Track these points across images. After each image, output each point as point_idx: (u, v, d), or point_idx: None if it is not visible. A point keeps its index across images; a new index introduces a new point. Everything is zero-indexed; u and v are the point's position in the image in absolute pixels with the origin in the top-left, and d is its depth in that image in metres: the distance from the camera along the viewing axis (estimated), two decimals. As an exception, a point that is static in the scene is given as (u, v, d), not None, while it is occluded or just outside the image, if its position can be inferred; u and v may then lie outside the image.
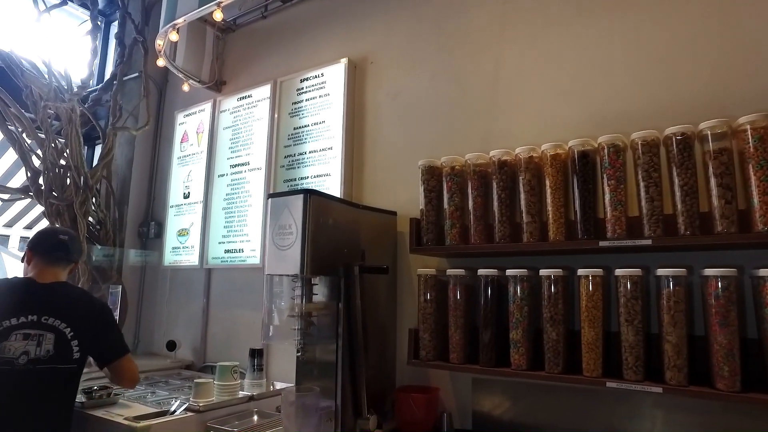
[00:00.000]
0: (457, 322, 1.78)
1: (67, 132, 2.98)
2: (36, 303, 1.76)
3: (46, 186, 2.94)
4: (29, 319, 1.72)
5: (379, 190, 2.40)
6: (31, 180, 3.02)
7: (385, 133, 2.44)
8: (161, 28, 2.56)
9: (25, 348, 1.69)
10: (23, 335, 1.70)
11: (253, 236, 2.71)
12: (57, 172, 2.99)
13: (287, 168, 2.65)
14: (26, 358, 1.68)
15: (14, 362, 1.67)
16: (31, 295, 1.79)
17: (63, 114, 2.95)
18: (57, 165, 2.95)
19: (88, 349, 1.81)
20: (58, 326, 1.74)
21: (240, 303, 2.79)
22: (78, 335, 1.77)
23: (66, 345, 1.75)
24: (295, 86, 2.72)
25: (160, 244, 3.24)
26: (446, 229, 1.86)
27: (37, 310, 1.74)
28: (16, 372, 1.67)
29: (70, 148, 2.94)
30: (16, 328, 1.70)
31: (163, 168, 3.41)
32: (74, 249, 1.95)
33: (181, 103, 3.38)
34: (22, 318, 1.71)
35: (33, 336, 1.70)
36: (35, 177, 3.03)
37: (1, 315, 1.70)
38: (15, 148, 2.99)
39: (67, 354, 1.75)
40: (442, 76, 2.31)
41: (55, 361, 1.73)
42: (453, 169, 1.88)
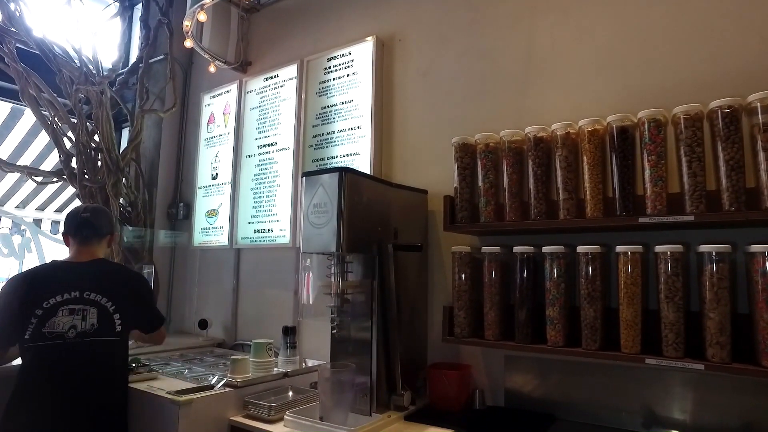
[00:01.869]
0: (492, 299, 1.78)
1: (97, 115, 3.02)
2: (77, 280, 1.85)
3: (79, 169, 3.00)
4: (72, 296, 1.82)
5: (409, 168, 2.39)
6: (64, 163, 3.08)
7: (414, 111, 2.42)
8: (188, 9, 2.56)
9: (72, 322, 1.80)
10: (69, 310, 1.80)
11: (282, 216, 2.73)
12: (89, 154, 3.04)
13: (316, 147, 2.65)
14: (74, 331, 1.80)
15: (65, 336, 1.79)
16: (72, 274, 1.89)
17: (93, 97, 2.99)
18: (89, 148, 3.00)
19: (129, 321, 1.92)
20: (100, 301, 1.84)
21: (270, 282, 2.83)
22: (119, 308, 1.87)
23: (108, 318, 1.86)
24: (322, 65, 2.71)
25: (189, 225, 3.29)
26: (481, 206, 1.85)
27: (79, 286, 1.83)
28: (68, 344, 1.79)
29: (101, 130, 2.99)
30: (62, 304, 1.80)
31: (190, 149, 3.45)
32: (101, 223, 2.01)
33: (207, 85, 3.39)
34: (66, 295, 1.81)
35: (78, 311, 1.81)
36: (68, 160, 3.08)
37: (47, 294, 1.80)
38: (48, 132, 3.04)
39: (111, 326, 1.86)
40: (472, 51, 2.27)
41: (100, 334, 1.84)
42: (487, 146, 1.86)
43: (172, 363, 2.40)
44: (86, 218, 1.95)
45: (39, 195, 4.95)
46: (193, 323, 3.15)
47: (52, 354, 1.78)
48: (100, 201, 3.03)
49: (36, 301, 1.78)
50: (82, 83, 2.92)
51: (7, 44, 2.76)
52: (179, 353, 2.65)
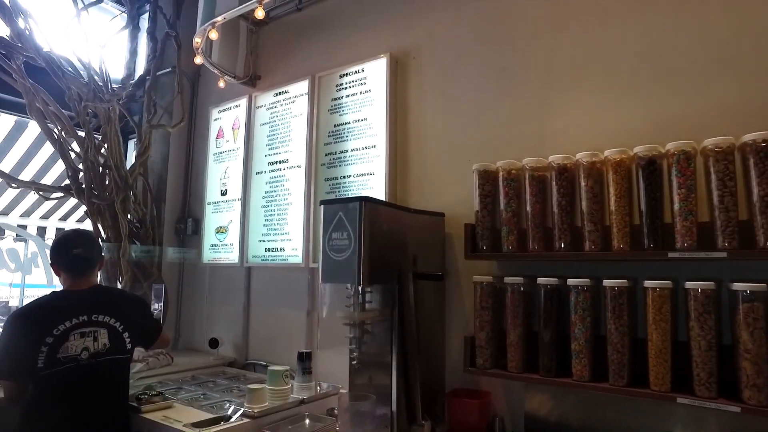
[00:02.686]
0: (515, 330, 1.75)
1: (106, 131, 2.98)
2: (83, 306, 1.90)
3: (87, 184, 2.96)
4: (81, 319, 1.87)
5: (425, 189, 2.36)
6: (72, 178, 3.04)
7: (430, 130, 2.39)
8: (199, 26, 2.52)
9: (84, 344, 1.86)
10: (80, 334, 1.86)
11: (295, 235, 2.70)
12: (97, 170, 3.00)
13: (328, 166, 2.62)
14: (87, 353, 1.87)
15: (78, 359, 1.84)
16: (76, 301, 1.92)
17: (102, 113, 2.95)
18: (97, 163, 2.97)
19: (136, 337, 2.02)
20: (108, 321, 1.92)
21: (282, 301, 2.80)
22: (127, 327, 1.97)
23: (119, 337, 1.95)
24: (335, 82, 2.67)
25: (197, 241, 3.25)
26: (503, 235, 1.82)
27: (86, 310, 1.89)
28: (81, 367, 1.84)
29: (109, 147, 2.95)
30: (72, 329, 1.84)
31: (199, 164, 3.41)
32: (93, 255, 2.04)
33: (215, 98, 3.35)
34: (74, 319, 1.85)
35: (88, 333, 1.87)
36: (75, 175, 3.05)
37: (55, 322, 1.82)
38: (56, 147, 3.00)
39: (122, 345, 1.95)
40: (489, 71, 2.24)
41: (113, 353, 1.92)
42: (510, 173, 1.83)
43: (185, 387, 2.37)
44: (79, 255, 1.97)
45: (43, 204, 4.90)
46: (202, 341, 3.12)
47: (67, 378, 1.81)
48: (108, 217, 3.00)
49: (44, 330, 1.80)
50: (91, 99, 2.88)
51: (15, 60, 2.72)
52: (191, 374, 2.62)
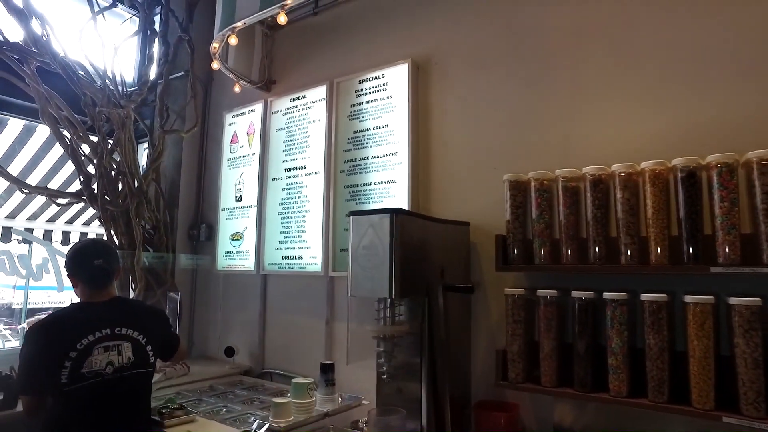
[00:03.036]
0: (549, 344, 1.72)
1: (119, 137, 2.94)
2: (105, 319, 1.85)
3: (100, 191, 2.92)
4: (104, 333, 1.81)
5: (448, 198, 2.33)
6: (84, 184, 3.00)
7: (453, 138, 2.35)
8: (218, 31, 2.48)
9: (108, 359, 1.81)
10: (104, 348, 1.80)
11: (313, 243, 2.66)
12: (110, 176, 2.96)
13: (348, 173, 2.58)
14: (112, 367, 1.81)
15: (103, 373, 1.78)
16: (98, 314, 1.86)
17: (116, 119, 2.91)
18: (111, 169, 2.93)
19: (158, 350, 1.97)
20: (132, 335, 1.87)
21: (299, 310, 2.76)
22: (150, 340, 1.91)
23: (142, 350, 1.89)
24: (354, 87, 2.63)
25: (211, 248, 3.21)
26: (535, 247, 1.78)
27: (108, 324, 1.83)
28: (106, 381, 1.79)
29: (123, 153, 2.91)
30: (96, 342, 1.78)
31: (212, 170, 3.37)
32: (113, 267, 1.97)
33: (228, 103, 3.31)
34: (98, 333, 1.80)
35: (112, 347, 1.82)
36: (88, 181, 3.00)
37: (77, 336, 1.77)
38: (68, 152, 2.96)
39: (146, 358, 1.90)
40: (514, 78, 2.20)
41: (138, 366, 1.87)
42: (542, 184, 1.80)
43: (204, 399, 2.34)
44: (99, 266, 1.90)
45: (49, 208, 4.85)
46: (217, 349, 3.08)
47: (92, 393, 1.76)
48: (122, 224, 2.96)
49: (67, 344, 1.74)
50: (105, 104, 2.84)
51: (29, 65, 2.67)
52: (209, 384, 2.58)
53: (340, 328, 2.58)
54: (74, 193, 3.14)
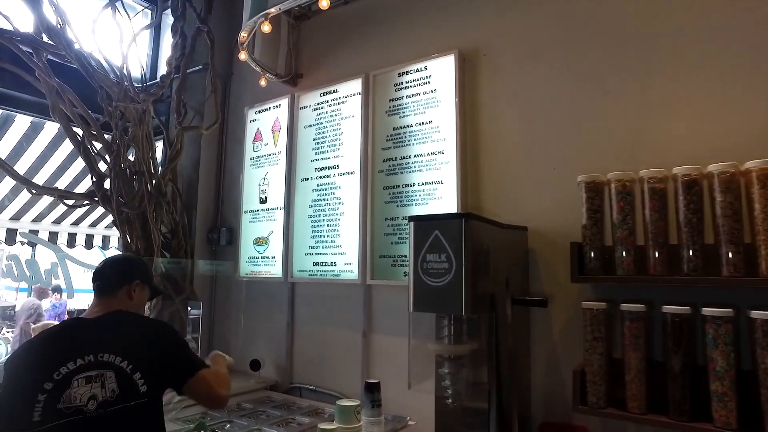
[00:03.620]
0: (637, 365, 1.53)
1: (135, 134, 2.74)
2: (89, 342, 1.54)
3: (116, 191, 2.72)
4: (86, 360, 1.49)
5: (501, 200, 2.14)
6: (97, 185, 2.80)
7: (505, 135, 2.16)
8: (247, 19, 2.28)
9: (91, 392, 1.48)
10: (85, 379, 1.48)
11: (348, 248, 2.46)
12: (125, 176, 2.76)
13: (387, 173, 2.39)
14: (95, 403, 1.47)
15: (84, 410, 1.45)
16: (83, 335, 1.58)
17: (132, 114, 2.70)
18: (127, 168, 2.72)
19: (156, 378, 1.57)
20: (114, 361, 1.52)
21: (332, 320, 2.56)
22: (138, 367, 1.53)
23: (128, 380, 1.52)
24: (392, 81, 2.44)
25: (233, 253, 3.02)
26: (618, 255, 1.59)
27: (92, 348, 1.52)
28: (89, 419, 1.45)
29: (140, 151, 2.71)
30: (76, 372, 1.47)
31: (233, 169, 3.17)
32: (111, 275, 1.73)
33: (251, 98, 3.11)
34: (79, 360, 1.49)
35: (95, 377, 1.49)
36: (100, 181, 2.80)
37: (57, 362, 1.47)
38: (80, 151, 2.75)
39: (133, 389, 1.52)
40: (574, 71, 2.02)
41: (124, 400, 1.50)
42: (624, 186, 1.60)
43: (235, 420, 2.14)
44: (100, 269, 1.74)
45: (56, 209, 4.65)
46: (239, 360, 2.87)
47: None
48: (138, 227, 2.76)
49: (43, 374, 1.45)
50: (122, 99, 2.63)
51: (40, 56, 2.47)
52: (235, 402, 2.38)
53: (378, 341, 2.39)
54: (86, 194, 2.94)
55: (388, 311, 2.37)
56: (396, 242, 2.31)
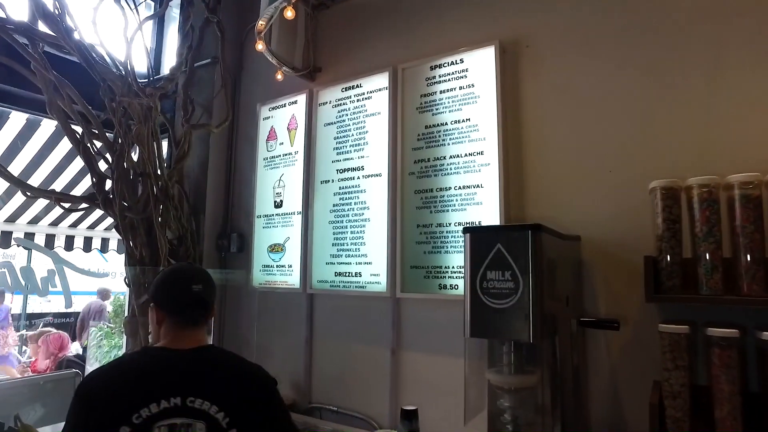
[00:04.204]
0: (732, 399, 1.33)
1: (140, 132, 2.52)
2: (177, 380, 1.29)
3: (119, 194, 2.49)
4: (172, 404, 1.25)
5: (547, 206, 1.93)
6: (98, 187, 2.58)
7: (552, 134, 1.96)
8: (267, 4, 2.06)
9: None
10: (168, 427, 1.23)
11: (375, 257, 2.26)
12: (129, 177, 2.54)
13: (419, 176, 2.18)
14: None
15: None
16: (170, 371, 1.33)
17: (136, 111, 2.48)
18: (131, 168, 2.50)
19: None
20: (209, 410, 1.27)
21: (356, 336, 2.35)
22: (236, 422, 1.28)
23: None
24: (423, 75, 2.23)
25: (245, 261, 2.80)
26: (703, 272, 1.39)
27: (180, 389, 1.27)
28: None
29: (146, 151, 2.49)
30: (159, 417, 1.23)
31: (244, 170, 2.96)
32: (210, 299, 1.48)
33: (262, 94, 2.90)
34: (163, 403, 1.24)
35: (180, 427, 1.24)
36: (101, 184, 2.58)
37: (135, 402, 1.23)
38: (79, 150, 2.53)
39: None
40: (632, 65, 1.82)
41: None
42: (710, 193, 1.40)
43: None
44: (199, 293, 1.42)
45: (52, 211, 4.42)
46: (252, 377, 2.67)
47: None
48: (143, 233, 2.54)
49: (121, 414, 1.22)
50: (126, 94, 2.41)
51: (36, 47, 2.25)
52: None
53: (409, 359, 2.18)
54: (85, 197, 2.72)
55: (420, 326, 2.17)
56: (430, 252, 2.10)
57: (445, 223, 2.08)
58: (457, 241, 2.03)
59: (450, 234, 2.06)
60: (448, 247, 2.06)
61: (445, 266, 2.05)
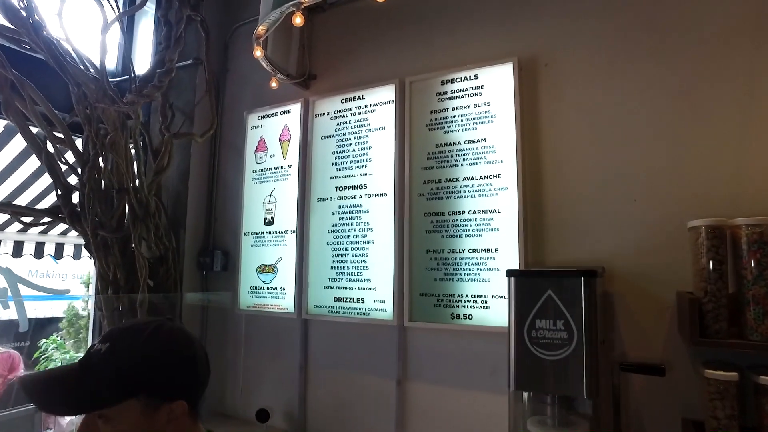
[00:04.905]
0: (784, 454, 1.28)
1: (115, 141, 2.27)
2: None
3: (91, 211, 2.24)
4: None
5: (568, 235, 1.85)
6: (63, 200, 2.31)
7: (571, 159, 1.87)
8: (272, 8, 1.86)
9: None
10: None
11: (379, 282, 2.11)
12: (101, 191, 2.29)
13: (429, 197, 2.05)
14: None
15: None
16: None
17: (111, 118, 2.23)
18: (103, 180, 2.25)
19: None
20: None
21: (357, 364, 2.21)
22: None
23: None
24: (434, 90, 2.11)
25: (230, 281, 2.59)
26: (752, 317, 1.33)
27: None
28: None
29: (124, 163, 2.24)
30: None
31: (228, 182, 2.74)
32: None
33: (250, 101, 2.69)
34: None
35: None
36: (67, 196, 2.32)
37: None
38: (41, 158, 2.26)
39: None
40: (660, 89, 1.75)
41: None
42: (761, 234, 1.34)
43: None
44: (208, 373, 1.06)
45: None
46: (240, 407, 2.48)
47: None
48: (117, 253, 2.30)
49: None
50: (100, 100, 2.16)
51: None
52: (247, 469, 1.99)
53: (416, 391, 2.06)
54: (49, 211, 2.44)
55: (429, 357, 2.04)
56: (441, 279, 1.98)
57: (458, 249, 1.96)
58: (472, 269, 1.92)
59: (464, 261, 1.94)
60: (462, 274, 1.94)
61: (458, 294, 1.94)
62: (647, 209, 1.72)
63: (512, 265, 1.82)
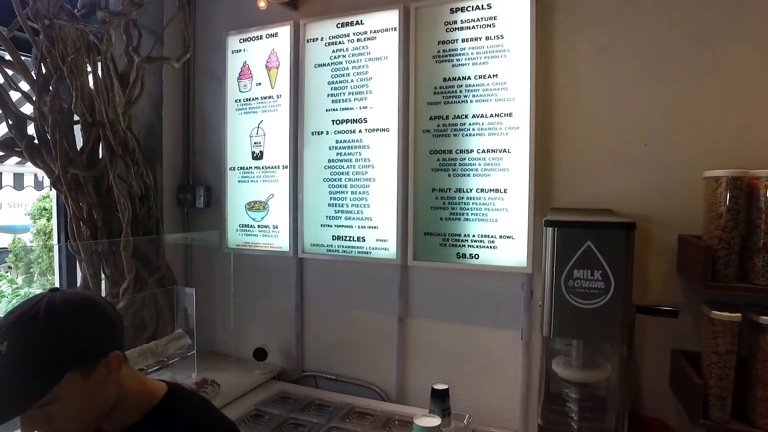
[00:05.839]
0: (776, 383, 1.41)
1: (77, 64, 1.99)
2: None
3: (56, 144, 2.01)
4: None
5: (578, 177, 1.85)
6: (16, 131, 2.06)
7: (586, 98, 1.84)
8: None
9: None
10: None
11: (382, 221, 2.07)
12: (65, 123, 2.05)
13: (435, 134, 1.97)
14: None
15: None
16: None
17: (71, 37, 1.94)
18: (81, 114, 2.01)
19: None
20: None
21: (359, 302, 2.21)
22: None
23: None
24: (442, 18, 1.96)
25: (215, 218, 2.47)
26: (760, 264, 1.41)
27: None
28: None
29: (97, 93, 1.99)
30: None
31: (206, 111, 2.52)
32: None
33: (227, 21, 2.42)
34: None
35: None
36: (20, 127, 2.06)
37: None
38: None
39: None
40: (684, 29, 1.70)
41: None
42: (781, 185, 1.39)
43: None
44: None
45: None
46: (234, 346, 2.47)
47: None
48: (92, 191, 2.11)
49: None
50: (57, 15, 1.86)
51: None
52: (252, 408, 2.00)
53: (417, 327, 2.10)
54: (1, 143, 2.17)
55: (432, 295, 2.07)
56: (447, 218, 1.96)
57: (466, 188, 1.93)
58: (479, 208, 1.91)
59: (471, 200, 1.92)
60: (469, 214, 1.93)
61: (464, 234, 1.94)
62: (657, 154, 1.74)
63: (522, 207, 1.83)
